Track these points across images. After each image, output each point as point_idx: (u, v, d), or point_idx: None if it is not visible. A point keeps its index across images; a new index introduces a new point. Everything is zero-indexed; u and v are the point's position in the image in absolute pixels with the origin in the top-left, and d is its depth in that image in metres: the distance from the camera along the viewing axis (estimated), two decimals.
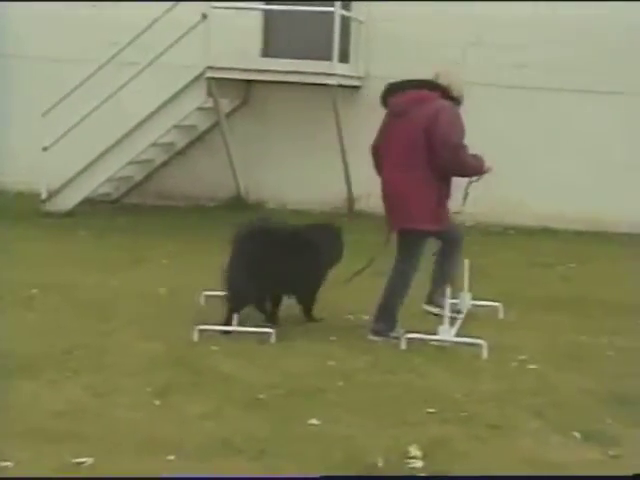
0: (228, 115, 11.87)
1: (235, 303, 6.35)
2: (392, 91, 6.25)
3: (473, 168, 6.23)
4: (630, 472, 4.14)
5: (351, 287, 7.70)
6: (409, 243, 6.21)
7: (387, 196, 6.26)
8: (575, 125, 11.25)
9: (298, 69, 10.86)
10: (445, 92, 6.17)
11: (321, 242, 6.63)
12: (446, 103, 6.12)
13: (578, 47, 11.11)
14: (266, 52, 11.86)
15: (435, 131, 5.96)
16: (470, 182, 6.50)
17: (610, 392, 5.21)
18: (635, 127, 11.14)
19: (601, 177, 11.14)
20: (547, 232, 10.87)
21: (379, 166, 6.42)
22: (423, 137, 6.00)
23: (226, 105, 11.74)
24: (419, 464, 4.12)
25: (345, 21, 11.21)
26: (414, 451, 4.21)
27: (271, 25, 11.88)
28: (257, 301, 6.52)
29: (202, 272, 8.07)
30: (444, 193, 6.18)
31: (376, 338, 6.18)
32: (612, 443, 4.47)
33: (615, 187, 11.02)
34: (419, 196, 6.07)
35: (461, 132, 6.10)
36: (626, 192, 10.97)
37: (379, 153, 6.38)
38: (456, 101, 6.25)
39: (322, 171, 11.80)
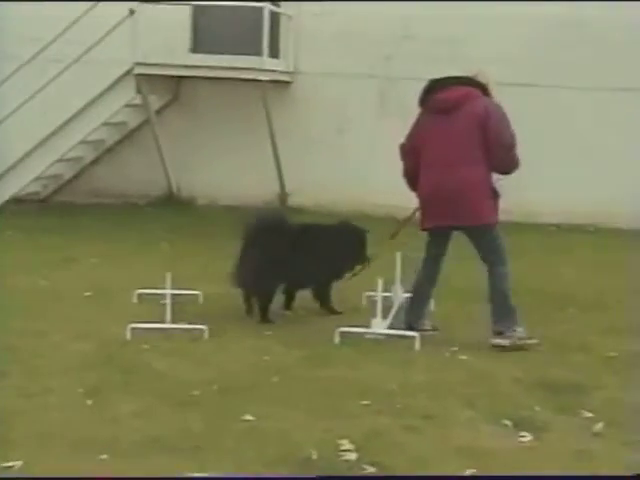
0: (158, 112, 11.79)
1: (263, 297, 6.53)
2: (434, 88, 6.16)
3: (517, 167, 6.21)
4: (558, 456, 4.23)
5: None
6: (486, 240, 6.13)
7: (442, 193, 6.04)
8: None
9: (228, 65, 10.83)
10: (485, 91, 6.16)
11: (347, 241, 6.91)
12: (492, 101, 6.12)
13: (513, 41, 11.23)
14: (196, 48, 11.81)
15: (489, 130, 5.97)
16: (499, 179, 6.43)
17: (538, 380, 5.31)
18: (565, 120, 11.31)
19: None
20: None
21: (413, 166, 6.23)
22: (477, 133, 5.98)
23: (156, 102, 11.67)
24: (353, 456, 4.14)
25: (275, 16, 11.21)
26: (347, 444, 4.23)
27: (200, 21, 11.83)
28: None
29: (134, 271, 8.03)
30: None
31: (500, 341, 5.99)
32: (541, 429, 4.55)
33: (538, 178, 11.14)
34: (483, 191, 6.04)
35: (512, 130, 6.10)
36: (550, 183, 11.14)
37: (415, 152, 6.20)
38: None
39: (254, 166, 11.79)
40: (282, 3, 11.58)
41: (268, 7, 10.71)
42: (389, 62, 11.51)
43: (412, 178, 6.29)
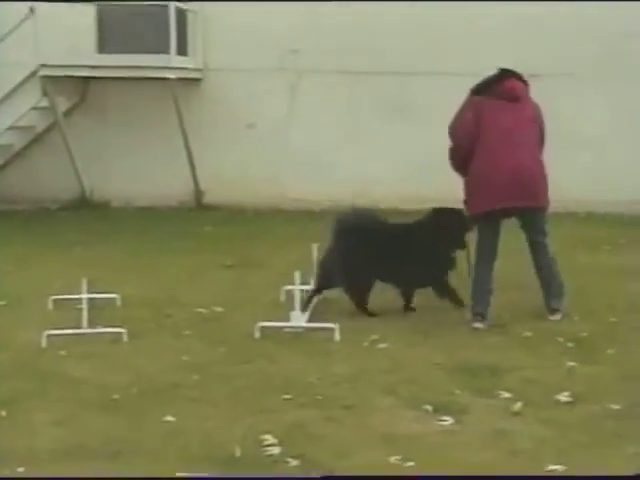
0: (66, 114, 11.60)
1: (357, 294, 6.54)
2: (497, 78, 6.36)
3: None
4: (478, 437, 4.31)
5: (200, 280, 7.70)
6: (543, 221, 6.40)
7: (521, 175, 6.15)
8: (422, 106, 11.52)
9: (135, 64, 10.70)
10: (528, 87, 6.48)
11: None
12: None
13: (426, 33, 11.32)
14: (102, 48, 11.62)
15: (540, 124, 6.43)
16: None
17: (457, 364, 5.39)
18: None
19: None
20: (397, 213, 11.05)
21: (469, 148, 6.25)
22: (536, 124, 6.37)
23: (63, 103, 11.47)
24: (276, 450, 4.14)
25: (181, 13, 11.11)
26: (270, 438, 4.23)
27: (106, 20, 11.64)
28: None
29: (49, 276, 7.88)
30: None
31: (558, 317, 6.35)
32: (461, 412, 4.62)
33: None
34: (545, 176, 6.33)
35: None
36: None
37: (474, 135, 6.22)
38: None
39: (167, 166, 11.69)
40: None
41: (174, 4, 10.60)
42: (297, 55, 11.52)
43: (464, 160, 6.31)
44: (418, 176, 11.29)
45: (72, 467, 3.98)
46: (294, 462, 4.04)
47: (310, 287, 6.81)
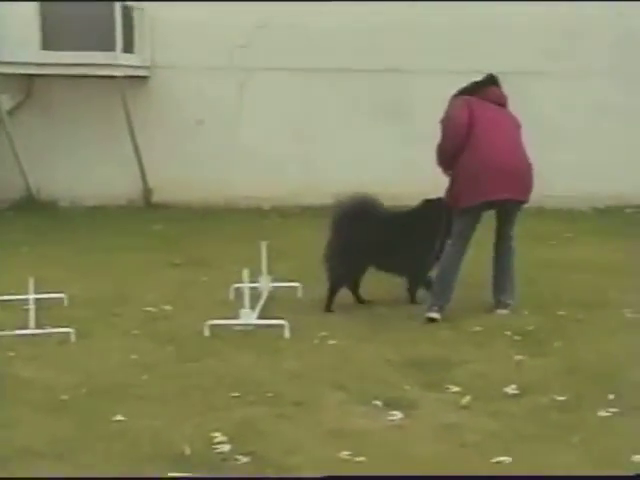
0: (11, 111, 11.43)
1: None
2: (487, 83, 6.63)
3: None
4: (427, 431, 4.35)
5: (149, 279, 7.66)
6: (517, 216, 6.62)
7: (511, 169, 6.40)
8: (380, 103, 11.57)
9: (80, 61, 10.58)
10: None
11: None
12: None
13: (376, 30, 11.36)
14: (47, 44, 11.45)
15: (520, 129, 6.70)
16: None
17: (407, 359, 5.42)
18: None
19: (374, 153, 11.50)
20: None
21: (460, 143, 6.40)
22: (520, 130, 6.65)
23: (7, 101, 11.29)
24: (226, 448, 4.14)
25: (127, 10, 11.02)
26: (220, 436, 4.23)
27: (50, 16, 11.48)
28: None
29: None
30: None
31: (505, 311, 6.46)
32: (410, 407, 4.66)
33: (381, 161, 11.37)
34: (532, 172, 6.55)
35: None
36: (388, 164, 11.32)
37: (464, 132, 6.37)
38: None
39: (115, 164, 11.58)
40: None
41: (119, 1, 10.50)
42: (246, 53, 11.49)
43: (452, 155, 6.44)
44: (369, 173, 11.32)
45: (18, 471, 3.94)
46: (244, 459, 4.04)
47: (258, 285, 6.81)
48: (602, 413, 4.57)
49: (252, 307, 6.20)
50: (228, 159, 11.61)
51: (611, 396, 4.78)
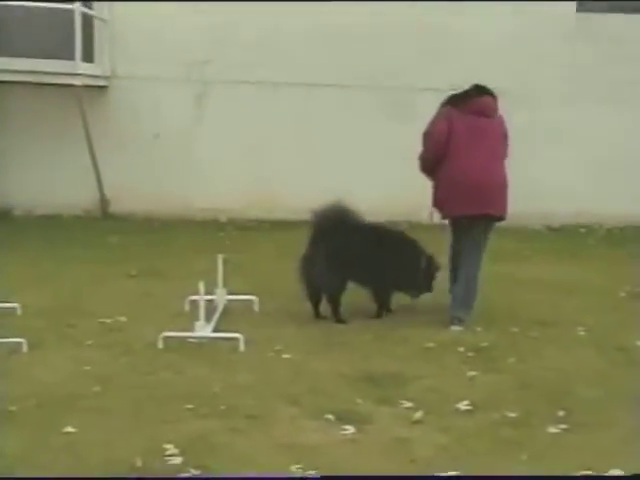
0: None
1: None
2: (472, 93, 6.68)
3: None
4: (379, 445, 4.36)
5: (104, 290, 7.60)
6: (491, 230, 6.73)
7: (486, 184, 6.53)
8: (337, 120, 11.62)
9: (38, 69, 10.47)
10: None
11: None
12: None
13: (332, 44, 11.42)
14: (4, 51, 11.31)
15: (506, 140, 6.81)
16: None
17: (360, 374, 5.44)
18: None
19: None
20: (298, 224, 11.09)
21: (440, 154, 6.57)
22: (504, 140, 6.76)
23: None
24: (178, 460, 4.13)
25: (87, 19, 10.95)
26: (172, 448, 4.21)
27: (8, 22, 11.35)
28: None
29: None
30: None
31: (460, 328, 6.52)
32: (363, 421, 4.68)
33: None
34: (507, 187, 6.68)
35: None
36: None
37: (445, 143, 6.53)
38: None
39: (72, 174, 11.49)
40: (95, 5, 11.29)
41: (79, 9, 10.43)
42: (204, 66, 11.49)
43: (434, 165, 6.65)
44: (321, 186, 11.38)
45: None
46: (195, 472, 4.03)
47: (214, 297, 6.79)
48: (552, 429, 4.63)
49: (207, 320, 6.18)
50: (185, 171, 11.58)
51: (561, 413, 4.84)
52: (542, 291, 7.84)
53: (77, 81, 10.54)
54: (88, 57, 11.01)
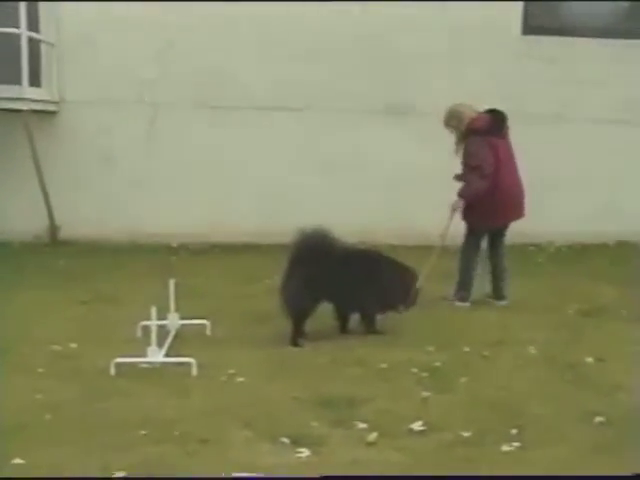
0: None
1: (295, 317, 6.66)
2: (501, 118, 7.94)
3: None
4: (334, 467, 4.35)
5: (54, 317, 7.51)
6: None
7: (520, 194, 8.06)
8: (294, 140, 11.64)
9: None
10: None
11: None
12: None
13: (285, 68, 11.46)
14: None
15: None
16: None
17: (315, 397, 5.43)
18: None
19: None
20: (250, 248, 11.11)
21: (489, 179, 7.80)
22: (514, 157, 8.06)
23: None
24: None
25: (34, 43, 10.87)
26: (124, 475, 4.16)
27: None
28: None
29: None
30: None
31: (463, 304, 8.05)
32: (318, 443, 4.67)
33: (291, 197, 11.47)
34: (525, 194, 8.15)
35: None
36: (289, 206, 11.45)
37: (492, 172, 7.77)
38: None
39: (21, 200, 11.34)
40: (42, 31, 11.19)
41: (25, 33, 10.34)
42: (155, 89, 11.45)
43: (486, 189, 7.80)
44: (274, 210, 11.43)
45: None
46: None
47: (166, 322, 6.75)
48: (505, 448, 4.66)
49: (159, 345, 6.13)
50: (136, 195, 11.51)
51: (514, 431, 4.88)
52: (493, 310, 7.92)
53: (24, 106, 10.44)
54: (35, 81, 10.92)
